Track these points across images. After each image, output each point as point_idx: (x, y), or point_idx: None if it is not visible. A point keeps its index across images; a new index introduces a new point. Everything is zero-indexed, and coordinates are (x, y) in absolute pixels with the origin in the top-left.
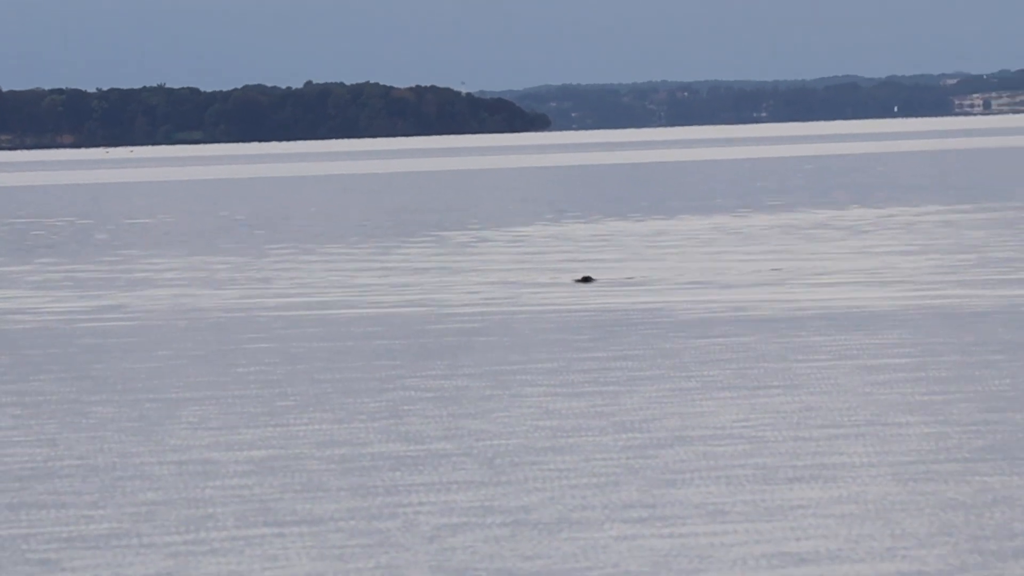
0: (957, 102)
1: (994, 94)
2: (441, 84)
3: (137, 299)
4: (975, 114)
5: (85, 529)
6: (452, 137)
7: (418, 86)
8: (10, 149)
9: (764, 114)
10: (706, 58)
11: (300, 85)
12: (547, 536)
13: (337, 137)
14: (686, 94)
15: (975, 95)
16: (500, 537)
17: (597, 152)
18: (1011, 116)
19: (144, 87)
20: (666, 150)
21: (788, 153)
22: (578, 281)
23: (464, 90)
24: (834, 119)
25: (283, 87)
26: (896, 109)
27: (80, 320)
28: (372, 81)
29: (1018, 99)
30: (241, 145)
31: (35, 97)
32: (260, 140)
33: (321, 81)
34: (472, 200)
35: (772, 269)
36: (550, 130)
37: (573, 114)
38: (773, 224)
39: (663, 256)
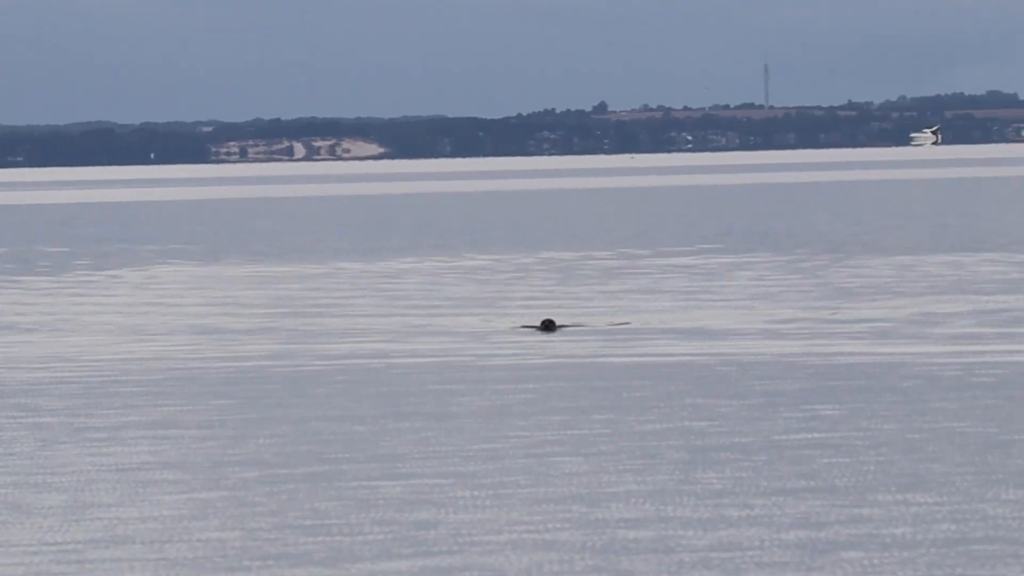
0: (214, 150)
1: (251, 142)
2: None
3: None
4: (231, 162)
5: None
6: None
7: None
8: None
9: (21, 158)
10: None
11: None
12: None
13: None
14: None
15: (231, 143)
16: None
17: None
18: (267, 164)
19: None
20: None
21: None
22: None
23: None
24: (91, 164)
25: None
26: (153, 156)
27: None
28: None
29: (274, 147)
30: None
31: None
32: None
33: None
34: None
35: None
36: None
37: None
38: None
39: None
